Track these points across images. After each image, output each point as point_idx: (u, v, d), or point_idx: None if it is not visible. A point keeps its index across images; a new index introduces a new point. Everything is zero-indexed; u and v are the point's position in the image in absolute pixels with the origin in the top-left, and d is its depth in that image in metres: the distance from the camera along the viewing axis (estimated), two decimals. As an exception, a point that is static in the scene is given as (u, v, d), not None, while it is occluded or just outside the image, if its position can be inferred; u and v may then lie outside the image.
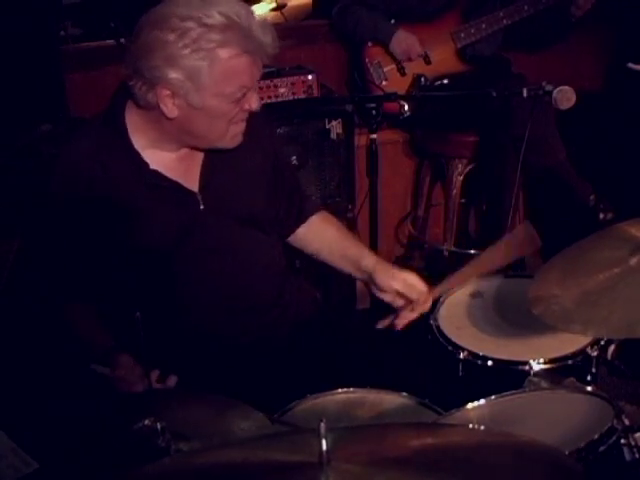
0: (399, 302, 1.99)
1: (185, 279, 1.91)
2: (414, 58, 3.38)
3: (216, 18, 1.70)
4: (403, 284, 1.97)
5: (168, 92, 1.75)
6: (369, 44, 3.41)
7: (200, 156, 1.92)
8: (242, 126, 1.87)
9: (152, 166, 1.85)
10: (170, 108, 1.77)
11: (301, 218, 2.14)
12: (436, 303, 2.15)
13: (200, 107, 1.77)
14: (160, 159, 1.87)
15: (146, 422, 1.43)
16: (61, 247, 1.87)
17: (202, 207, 1.90)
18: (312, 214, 2.16)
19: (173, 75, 1.72)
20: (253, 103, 1.82)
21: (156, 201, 1.86)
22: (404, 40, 3.36)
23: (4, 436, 1.57)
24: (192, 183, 1.90)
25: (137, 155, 1.84)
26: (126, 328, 1.65)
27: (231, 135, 1.86)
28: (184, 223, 1.89)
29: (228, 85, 1.75)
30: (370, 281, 2.04)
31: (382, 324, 2.00)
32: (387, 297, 2.01)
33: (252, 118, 1.88)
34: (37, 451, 1.56)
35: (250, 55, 1.74)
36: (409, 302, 1.97)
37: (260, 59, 1.78)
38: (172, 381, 1.80)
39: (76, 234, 1.85)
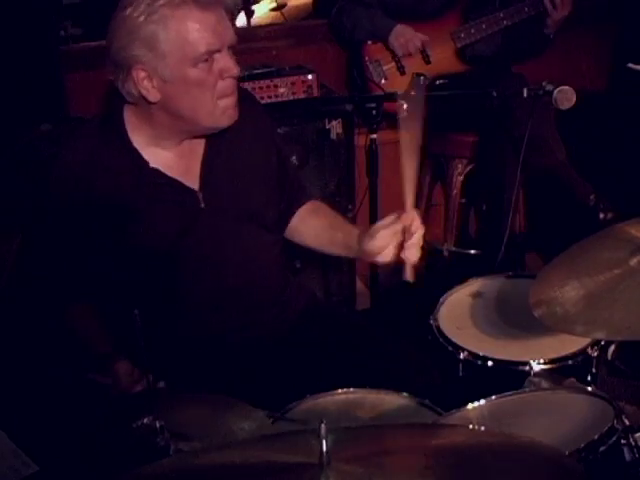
0: (392, 255, 1.81)
1: (185, 277, 1.91)
2: (413, 52, 3.37)
3: None
4: (383, 231, 1.82)
5: (143, 74, 1.74)
6: (369, 43, 3.41)
7: (200, 153, 1.91)
8: (231, 100, 1.83)
9: (152, 164, 1.85)
10: (150, 91, 1.76)
11: (291, 210, 2.13)
12: (436, 303, 2.15)
13: (173, 79, 1.75)
14: (160, 157, 1.87)
15: (145, 421, 1.43)
16: (61, 246, 1.87)
17: (203, 205, 1.90)
18: (300, 206, 2.13)
19: (136, 51, 1.72)
20: (230, 67, 1.78)
21: (156, 199, 1.86)
22: (402, 34, 3.35)
23: (5, 437, 1.57)
24: (192, 181, 1.90)
25: (136, 154, 1.84)
26: (125, 326, 1.65)
27: (221, 110, 1.82)
28: (185, 221, 1.89)
29: (189, 46, 1.72)
30: (364, 254, 1.91)
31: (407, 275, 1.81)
32: (387, 256, 1.82)
33: (249, 112, 1.87)
34: (36, 451, 1.56)
35: (204, 9, 1.72)
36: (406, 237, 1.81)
37: (223, 15, 1.75)
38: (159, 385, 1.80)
39: (76, 233, 1.85)
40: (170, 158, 1.88)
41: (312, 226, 2.13)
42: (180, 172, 1.88)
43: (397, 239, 1.80)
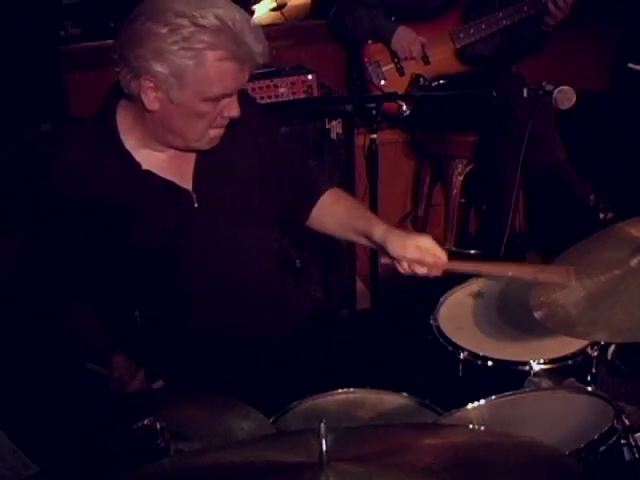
0: (417, 269, 1.91)
1: (182, 278, 1.91)
2: (416, 56, 3.37)
3: (210, 20, 1.70)
4: (417, 251, 1.89)
5: (151, 84, 1.75)
6: (369, 42, 3.41)
7: (193, 154, 1.92)
8: (222, 131, 1.86)
9: (144, 166, 1.85)
10: (151, 100, 1.77)
11: (312, 200, 2.13)
12: (436, 303, 2.15)
13: (180, 104, 1.76)
14: (152, 159, 1.87)
15: (145, 422, 1.43)
16: (59, 248, 1.86)
17: (196, 205, 1.90)
18: (322, 193, 2.13)
19: (158, 69, 1.72)
20: (233, 110, 1.81)
21: (150, 201, 1.86)
22: (405, 37, 3.35)
23: (5, 438, 1.57)
24: (186, 181, 1.90)
25: (128, 156, 1.85)
26: (125, 327, 1.65)
27: (209, 138, 1.85)
28: (179, 222, 1.89)
29: (211, 87, 1.75)
30: (385, 251, 1.96)
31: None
32: (403, 266, 1.92)
33: (244, 112, 1.88)
34: (36, 451, 1.56)
35: (238, 62, 1.74)
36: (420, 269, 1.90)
37: (248, 67, 1.78)
38: (158, 384, 1.80)
39: (73, 234, 1.85)
40: (163, 159, 1.89)
41: (333, 215, 2.12)
42: (173, 173, 1.88)
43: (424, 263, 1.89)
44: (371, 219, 2.06)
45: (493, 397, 1.60)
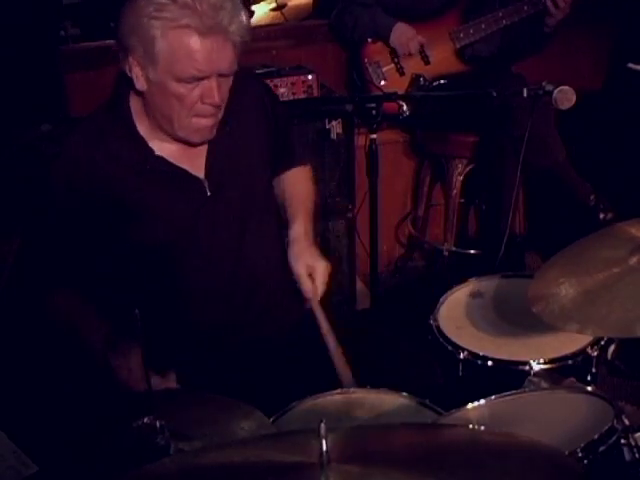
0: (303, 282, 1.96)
1: (189, 268, 1.91)
2: (413, 52, 3.37)
3: None
4: (304, 269, 1.95)
5: (135, 62, 1.76)
6: (369, 41, 3.41)
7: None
8: (208, 121, 1.84)
9: (157, 152, 1.86)
10: (139, 78, 1.78)
11: (276, 172, 2.14)
12: (436, 303, 2.15)
13: (156, 82, 1.77)
14: (165, 146, 1.88)
15: (145, 420, 1.43)
16: (64, 239, 1.86)
17: (209, 193, 1.90)
18: (286, 169, 2.15)
19: (133, 43, 1.74)
20: (212, 96, 1.78)
21: (162, 188, 1.87)
22: (404, 33, 3.36)
23: (5, 437, 1.57)
24: (198, 169, 1.90)
25: (142, 141, 1.85)
26: (125, 325, 1.65)
27: (194, 128, 1.83)
28: (191, 210, 1.89)
29: (178, 63, 1.73)
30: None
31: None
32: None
33: (250, 95, 1.87)
34: (36, 451, 1.56)
35: (204, 36, 1.72)
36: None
37: (222, 44, 1.74)
38: (171, 377, 1.79)
39: (80, 223, 1.84)
40: (175, 147, 1.89)
41: (280, 191, 2.14)
42: (185, 160, 1.89)
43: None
44: (296, 216, 2.06)
45: (493, 397, 1.60)
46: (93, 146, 1.84)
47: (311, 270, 1.95)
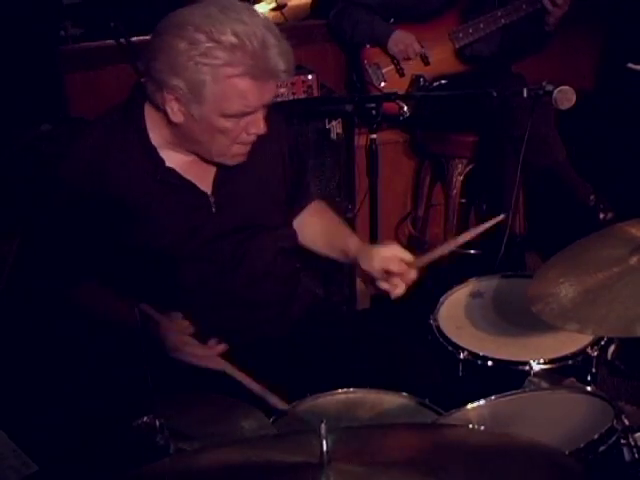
0: (388, 281, 1.93)
1: (189, 279, 1.91)
2: (412, 57, 3.38)
3: (228, 36, 1.68)
4: (381, 261, 1.92)
5: (173, 97, 1.75)
6: (367, 46, 3.41)
7: None
8: (247, 148, 1.86)
9: (168, 164, 1.86)
10: (175, 112, 1.78)
11: (295, 210, 2.14)
12: (436, 303, 2.15)
13: (200, 119, 1.77)
14: (176, 159, 1.88)
15: (145, 419, 1.43)
16: (66, 241, 1.86)
17: (214, 209, 1.90)
18: (304, 208, 2.15)
19: (175, 83, 1.72)
20: (259, 127, 1.81)
21: (168, 199, 1.87)
22: (401, 40, 3.36)
23: (5, 437, 1.57)
24: (206, 185, 1.91)
25: (154, 151, 1.85)
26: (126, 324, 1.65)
27: (233, 154, 1.86)
28: (194, 224, 1.90)
29: (229, 104, 1.74)
30: (358, 268, 2.01)
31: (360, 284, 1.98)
32: (377, 278, 1.95)
33: (272, 122, 1.87)
34: (36, 451, 1.57)
35: (256, 79, 1.72)
36: (398, 276, 1.93)
37: (272, 84, 1.77)
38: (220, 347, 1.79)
39: (84, 226, 1.84)
40: (186, 160, 1.89)
41: (311, 229, 2.15)
42: (194, 175, 1.89)
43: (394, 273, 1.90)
44: (347, 236, 2.08)
45: (493, 397, 1.60)
46: (104, 151, 1.84)
47: (384, 259, 1.93)
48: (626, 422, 1.53)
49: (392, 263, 1.91)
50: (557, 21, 3.26)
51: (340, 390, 1.79)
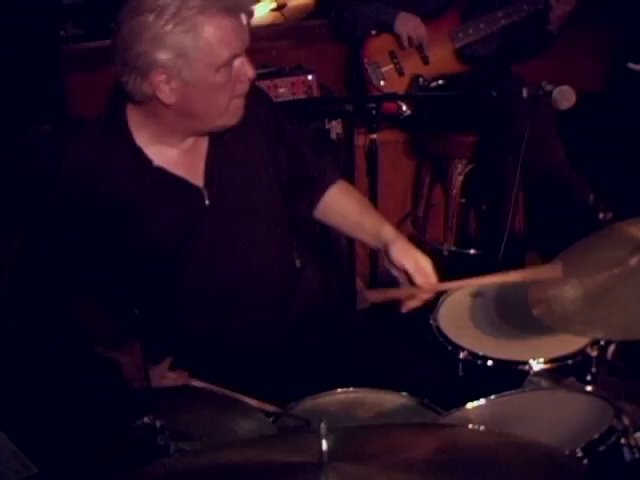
0: (403, 279, 1.94)
1: (188, 276, 1.91)
2: (420, 39, 3.35)
3: None
4: (414, 265, 1.92)
5: (162, 77, 1.74)
6: (372, 34, 3.40)
7: (204, 150, 1.91)
8: (243, 101, 1.85)
9: (156, 163, 1.85)
10: (167, 94, 1.76)
11: (318, 194, 2.11)
12: (436, 303, 2.15)
13: (196, 83, 1.76)
14: (164, 155, 1.87)
15: (145, 420, 1.43)
16: (64, 246, 1.86)
17: (207, 202, 1.90)
18: (328, 186, 2.12)
19: (163, 56, 1.72)
20: (248, 71, 1.80)
21: (161, 198, 1.87)
22: (409, 20, 3.34)
23: (5, 438, 1.57)
24: (197, 178, 1.90)
25: (140, 152, 1.85)
26: (126, 325, 1.65)
27: (232, 110, 1.84)
28: (190, 219, 1.89)
29: (217, 53, 1.74)
30: (384, 251, 1.99)
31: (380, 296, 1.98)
32: (395, 271, 1.96)
33: (255, 111, 1.87)
34: (36, 452, 1.57)
35: (231, 14, 1.73)
36: (412, 283, 1.92)
37: (243, 19, 1.76)
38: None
39: (80, 233, 1.85)
40: (174, 155, 1.89)
41: (339, 210, 2.12)
42: (184, 169, 1.88)
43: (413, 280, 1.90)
44: (380, 218, 2.07)
45: (493, 397, 1.60)
46: (92, 159, 1.84)
47: (416, 263, 1.93)
48: (626, 422, 1.53)
49: (420, 274, 1.91)
50: (561, 21, 3.25)
51: (340, 390, 1.79)
